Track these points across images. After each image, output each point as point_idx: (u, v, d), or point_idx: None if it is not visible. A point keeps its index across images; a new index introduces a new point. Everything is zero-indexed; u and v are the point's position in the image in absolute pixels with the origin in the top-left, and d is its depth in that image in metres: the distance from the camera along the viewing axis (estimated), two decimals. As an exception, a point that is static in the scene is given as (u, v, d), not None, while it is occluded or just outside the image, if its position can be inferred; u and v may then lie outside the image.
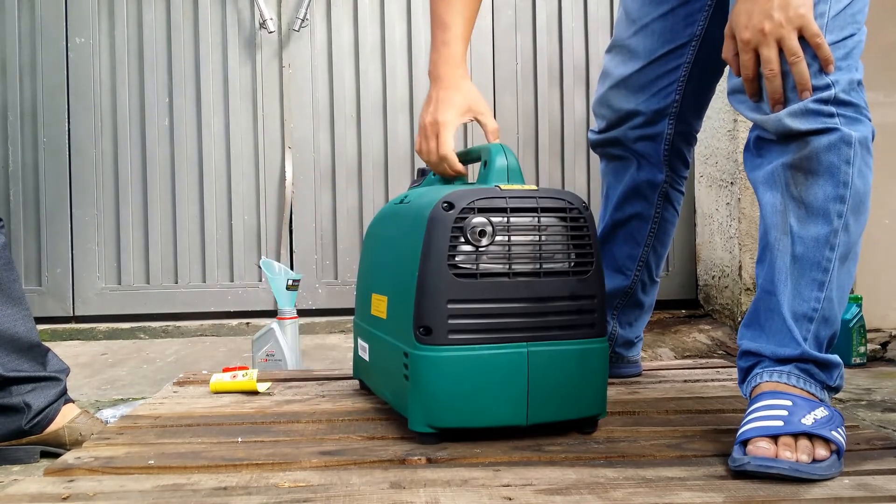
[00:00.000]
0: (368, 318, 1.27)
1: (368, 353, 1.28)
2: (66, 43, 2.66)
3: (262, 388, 1.44)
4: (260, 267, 2.58)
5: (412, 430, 1.08)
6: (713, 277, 2.67)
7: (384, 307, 1.18)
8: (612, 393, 1.37)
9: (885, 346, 2.32)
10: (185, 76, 2.68)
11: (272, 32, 2.66)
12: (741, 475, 0.93)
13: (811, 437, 0.96)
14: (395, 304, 1.15)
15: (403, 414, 1.11)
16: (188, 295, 2.67)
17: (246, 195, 2.69)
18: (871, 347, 2.26)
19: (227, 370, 1.51)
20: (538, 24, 2.74)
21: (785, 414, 0.98)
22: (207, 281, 2.68)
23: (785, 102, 1.04)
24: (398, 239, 1.17)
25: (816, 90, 1.02)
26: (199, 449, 1.07)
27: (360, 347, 1.34)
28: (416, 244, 1.07)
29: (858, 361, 2.16)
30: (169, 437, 1.15)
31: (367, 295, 1.29)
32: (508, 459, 1.02)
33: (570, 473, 0.96)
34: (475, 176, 1.23)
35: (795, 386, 1.03)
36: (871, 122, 1.06)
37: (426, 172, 1.37)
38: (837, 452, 0.96)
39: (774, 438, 0.95)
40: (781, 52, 1.02)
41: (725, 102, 2.47)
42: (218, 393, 1.44)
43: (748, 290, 2.46)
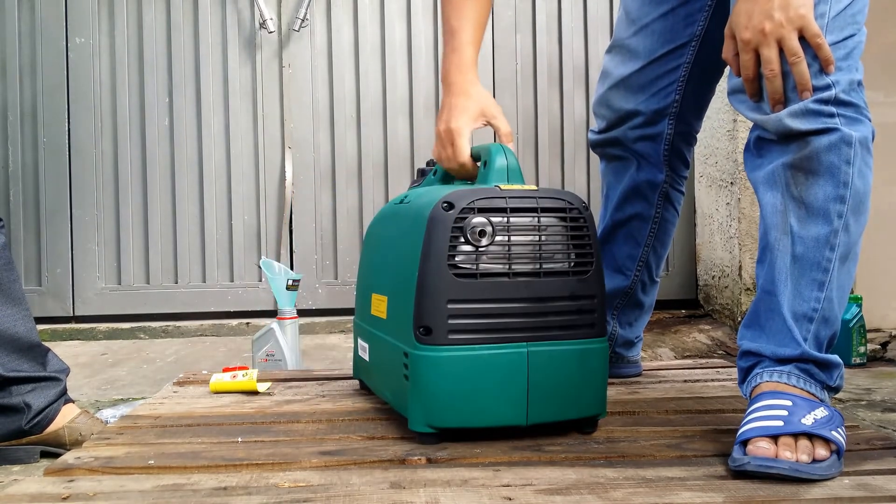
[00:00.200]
0: (368, 318, 1.27)
1: (368, 353, 1.28)
2: (66, 43, 2.66)
3: (262, 388, 1.44)
4: (260, 267, 2.58)
5: (412, 430, 1.08)
6: (713, 277, 2.67)
7: (384, 307, 1.18)
8: (612, 393, 1.37)
9: (885, 346, 2.32)
10: (185, 76, 2.68)
11: (272, 32, 2.66)
12: (741, 475, 0.93)
13: (811, 437, 0.96)
14: (395, 304, 1.15)
15: (403, 414, 1.11)
16: (188, 295, 2.67)
17: (246, 195, 2.69)
18: (871, 347, 2.26)
19: (227, 370, 1.51)
20: (538, 24, 2.74)
21: (785, 414, 0.98)
22: (207, 281, 2.68)
23: (785, 102, 1.04)
24: (398, 239, 1.17)
25: (817, 90, 1.02)
26: (199, 449, 1.07)
27: (360, 347, 1.34)
28: (416, 244, 1.07)
29: (858, 361, 2.16)
30: (169, 437, 1.14)
31: (367, 295, 1.29)
32: (508, 459, 1.02)
33: (570, 473, 0.96)
34: None
35: (795, 386, 1.03)
36: (871, 122, 1.06)
37: (426, 172, 1.37)
38: (837, 452, 0.96)
39: (774, 438, 0.95)
40: (782, 52, 1.02)
41: (725, 102, 2.47)
42: (218, 393, 1.44)
43: (748, 290, 2.46)
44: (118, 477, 0.97)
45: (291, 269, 2.46)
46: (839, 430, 0.98)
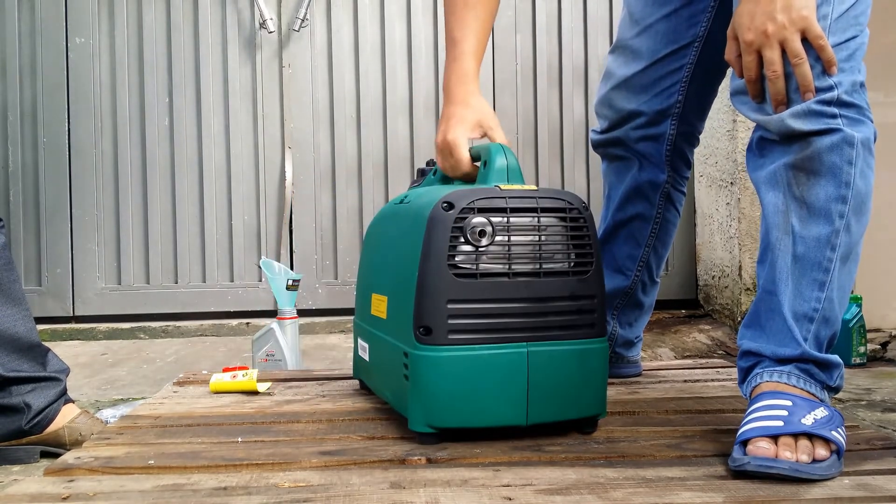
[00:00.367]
0: (368, 318, 1.27)
1: (368, 353, 1.28)
2: (66, 43, 2.66)
3: (262, 388, 1.44)
4: (260, 267, 2.58)
5: (412, 430, 1.08)
6: (713, 277, 2.67)
7: (384, 307, 1.18)
8: (612, 393, 1.37)
9: (885, 346, 2.32)
10: (185, 76, 2.68)
11: (272, 32, 2.66)
12: (741, 475, 0.93)
13: (811, 437, 0.96)
14: (395, 304, 1.15)
15: (403, 414, 1.11)
16: (188, 295, 2.67)
17: (246, 195, 2.69)
18: (871, 347, 2.26)
19: (227, 370, 1.51)
20: (538, 24, 2.74)
21: (785, 414, 0.98)
22: (207, 281, 2.68)
23: (788, 103, 1.04)
24: (398, 239, 1.17)
25: (819, 91, 1.02)
26: (199, 449, 1.07)
27: (360, 347, 1.34)
28: (416, 244, 1.07)
29: (858, 361, 2.17)
30: (169, 437, 1.14)
31: (367, 295, 1.29)
32: (508, 459, 1.02)
33: (570, 473, 0.96)
34: None
35: (795, 386, 1.03)
36: (873, 123, 1.06)
37: (426, 172, 1.37)
38: (837, 452, 0.96)
39: (774, 438, 0.95)
40: (784, 53, 1.02)
41: (725, 102, 2.47)
42: (218, 393, 1.44)
43: (748, 290, 2.46)
44: (118, 477, 0.97)
45: (291, 269, 2.46)
46: (839, 430, 0.98)
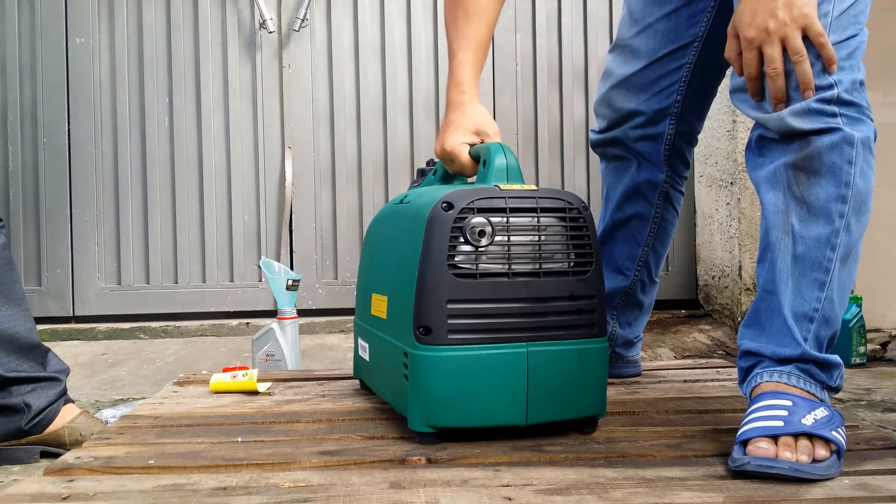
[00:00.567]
0: (368, 317, 1.27)
1: (369, 352, 1.28)
2: (66, 43, 2.65)
3: (262, 388, 1.44)
4: (260, 267, 2.58)
5: (412, 429, 1.08)
6: (713, 277, 2.67)
7: (384, 307, 1.18)
8: (612, 393, 1.37)
9: (885, 346, 2.32)
10: (185, 76, 2.68)
11: (272, 32, 2.66)
12: (741, 475, 0.93)
13: (811, 437, 0.96)
14: (394, 304, 1.15)
15: (403, 414, 1.11)
16: (188, 295, 2.67)
17: (246, 195, 2.69)
18: (871, 347, 2.26)
19: (227, 370, 1.51)
20: (538, 24, 2.74)
21: (785, 414, 0.98)
22: (207, 281, 2.68)
23: (787, 102, 1.04)
24: (398, 239, 1.17)
25: (819, 90, 1.02)
26: (199, 449, 1.07)
27: (360, 347, 1.34)
28: (415, 244, 1.07)
29: (858, 361, 2.17)
30: (169, 437, 1.14)
31: (367, 295, 1.29)
32: (508, 459, 1.02)
33: (570, 473, 0.96)
34: None
35: (795, 386, 1.03)
36: (873, 122, 1.06)
37: (426, 172, 1.37)
38: (837, 452, 0.96)
39: (774, 438, 0.95)
40: (785, 51, 1.02)
41: (724, 102, 2.47)
42: (218, 393, 1.44)
43: (748, 290, 2.46)
44: (118, 477, 0.97)
45: (291, 269, 2.46)
46: (839, 430, 0.98)
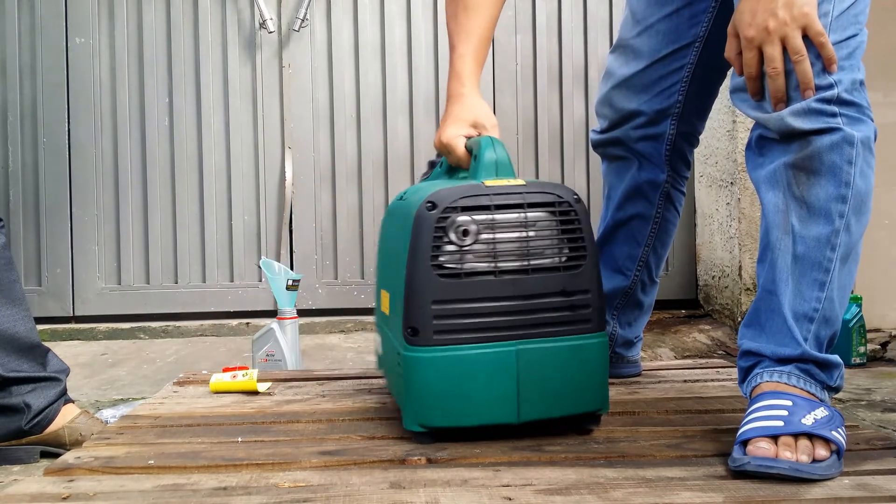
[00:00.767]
0: (379, 312, 1.28)
1: (381, 347, 1.29)
2: (66, 43, 2.65)
3: (262, 388, 1.44)
4: (260, 267, 2.58)
5: (406, 428, 1.08)
6: (713, 277, 2.67)
7: (388, 303, 1.19)
8: (612, 393, 1.37)
9: (885, 346, 2.32)
10: (185, 76, 2.68)
11: (272, 32, 2.66)
12: (741, 475, 0.93)
13: (811, 437, 0.96)
14: (393, 301, 1.15)
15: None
16: (188, 295, 2.67)
17: (246, 195, 2.69)
18: (871, 347, 2.26)
19: (227, 370, 1.51)
20: (538, 24, 2.74)
21: (785, 414, 0.98)
22: (207, 281, 2.68)
23: (787, 101, 1.04)
24: (394, 237, 1.17)
25: (819, 89, 1.02)
26: (199, 449, 1.07)
27: (376, 341, 1.34)
28: (406, 243, 1.07)
29: (858, 361, 2.16)
30: (169, 437, 1.14)
31: (378, 289, 1.29)
32: (508, 459, 1.02)
33: (570, 473, 0.96)
34: None
35: (796, 386, 1.03)
36: (873, 122, 1.06)
37: (435, 164, 1.37)
38: (837, 452, 0.96)
39: (774, 438, 0.95)
40: (785, 50, 1.02)
41: (725, 102, 2.47)
42: (218, 393, 1.44)
43: (748, 290, 2.46)
44: (118, 477, 0.97)
45: (291, 269, 2.46)
46: (839, 430, 0.98)
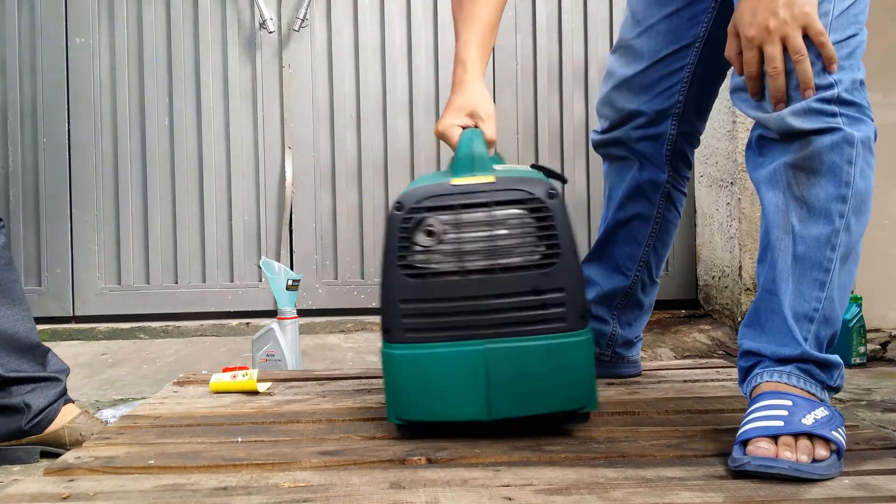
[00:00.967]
0: None
1: None
2: (66, 43, 2.65)
3: (262, 388, 1.44)
4: (260, 267, 2.58)
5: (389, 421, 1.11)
6: (713, 277, 2.67)
7: None
8: (612, 393, 1.37)
9: (885, 346, 2.32)
10: (185, 76, 2.68)
11: (272, 32, 2.66)
12: (741, 475, 0.93)
13: (811, 437, 0.96)
14: None
15: None
16: (188, 295, 2.67)
17: (246, 195, 2.69)
18: (871, 347, 2.26)
19: (227, 370, 1.51)
20: (538, 24, 2.74)
21: (785, 414, 0.98)
22: (207, 281, 2.68)
23: (788, 101, 1.04)
24: None
25: (819, 89, 1.02)
26: (199, 449, 1.07)
27: None
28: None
29: (858, 361, 2.16)
30: (169, 437, 1.14)
31: None
32: (508, 459, 1.02)
33: (570, 473, 0.96)
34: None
35: (796, 386, 1.03)
36: (873, 122, 1.06)
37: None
38: (837, 452, 0.96)
39: (774, 438, 0.95)
40: (785, 50, 1.02)
41: (725, 102, 2.47)
42: (218, 393, 1.44)
43: (748, 290, 2.46)
44: (118, 477, 0.97)
45: (291, 269, 2.45)
46: (839, 430, 0.98)
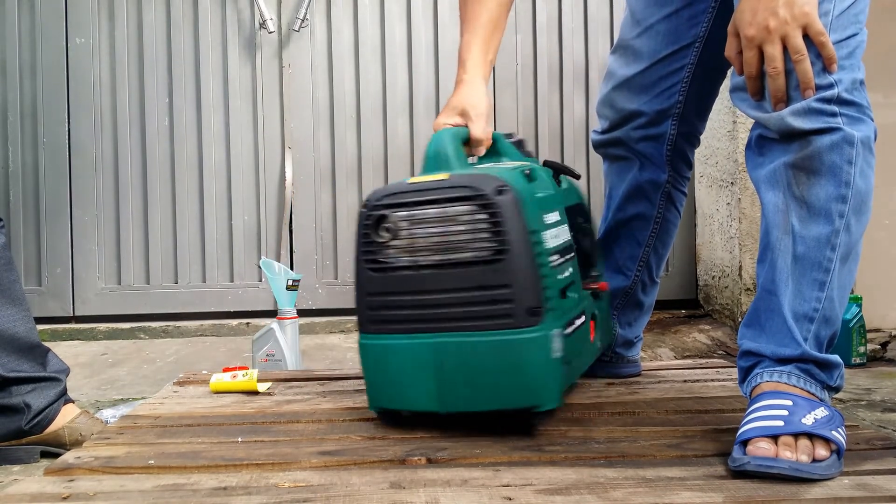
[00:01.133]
0: None
1: None
2: (66, 43, 2.66)
3: (262, 388, 1.44)
4: (260, 267, 2.58)
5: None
6: (713, 277, 2.67)
7: None
8: (612, 393, 1.37)
9: (885, 346, 2.32)
10: (185, 76, 2.68)
11: (272, 32, 2.66)
12: (741, 475, 0.93)
13: (811, 436, 0.96)
14: None
15: None
16: (188, 295, 2.67)
17: (246, 195, 2.69)
18: (871, 347, 2.26)
19: (227, 370, 1.51)
20: (538, 24, 2.74)
21: (785, 414, 0.98)
22: (207, 281, 2.68)
23: (787, 101, 1.04)
24: None
25: (819, 89, 1.02)
26: (199, 449, 1.07)
27: None
28: None
29: (858, 361, 2.16)
30: (169, 437, 1.14)
31: None
32: (508, 459, 1.02)
33: (570, 473, 0.96)
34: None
35: (796, 386, 1.03)
36: (873, 121, 1.06)
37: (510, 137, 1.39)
38: (837, 452, 0.96)
39: (774, 438, 0.95)
40: (785, 50, 1.02)
41: (725, 103, 2.47)
42: (218, 393, 1.44)
43: (748, 290, 2.46)
44: (118, 477, 0.97)
45: (291, 269, 2.46)
46: (839, 430, 0.98)
